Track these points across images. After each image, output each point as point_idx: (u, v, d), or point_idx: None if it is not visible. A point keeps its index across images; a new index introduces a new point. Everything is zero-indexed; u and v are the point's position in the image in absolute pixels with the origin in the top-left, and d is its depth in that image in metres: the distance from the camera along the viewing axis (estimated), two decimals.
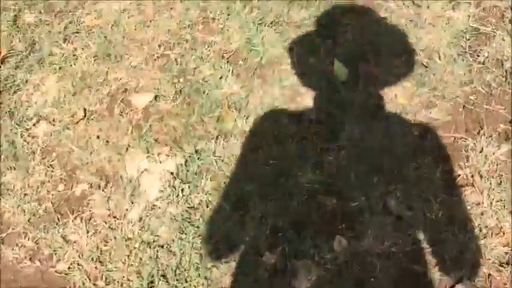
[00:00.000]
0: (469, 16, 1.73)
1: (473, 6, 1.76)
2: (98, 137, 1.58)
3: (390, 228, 1.31)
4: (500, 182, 1.37)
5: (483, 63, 1.62)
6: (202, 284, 1.26)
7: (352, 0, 1.83)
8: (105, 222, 1.38)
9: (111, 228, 1.37)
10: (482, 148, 1.43)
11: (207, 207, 1.38)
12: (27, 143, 1.58)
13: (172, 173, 1.46)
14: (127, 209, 1.40)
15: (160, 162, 1.49)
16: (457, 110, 1.54)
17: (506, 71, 1.61)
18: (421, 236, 1.29)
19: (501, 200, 1.34)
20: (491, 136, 1.46)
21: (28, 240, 1.38)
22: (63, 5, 1.96)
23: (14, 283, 1.32)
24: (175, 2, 1.91)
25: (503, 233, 1.27)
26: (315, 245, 1.29)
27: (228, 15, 1.84)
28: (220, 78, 1.67)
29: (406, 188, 1.38)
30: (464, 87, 1.58)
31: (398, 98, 1.58)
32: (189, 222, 1.35)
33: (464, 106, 1.54)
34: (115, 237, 1.35)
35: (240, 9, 1.85)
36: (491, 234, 1.27)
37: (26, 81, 1.74)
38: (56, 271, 1.32)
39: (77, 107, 1.66)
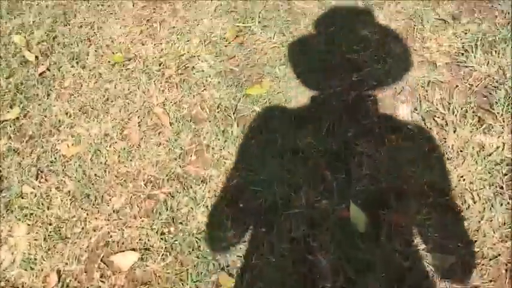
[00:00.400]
0: (503, 144, 1.49)
1: (507, 132, 1.52)
2: None
3: None
4: None
5: None
6: None
7: None
8: None
9: None
10: None
11: None
12: None
13: None
14: None
15: None
16: (499, 272, 1.30)
17: None
18: None
19: None
20: None
21: None
22: (35, 128, 1.73)
23: None
24: (164, 124, 1.68)
25: None
26: None
27: (225, 141, 1.61)
28: (218, 227, 1.43)
29: None
30: (507, 241, 1.33)
31: (428, 256, 1.33)
32: None
33: (507, 267, 1.30)
34: None
35: (238, 135, 1.61)
36: None
37: None
38: None
39: (50, 268, 1.41)
